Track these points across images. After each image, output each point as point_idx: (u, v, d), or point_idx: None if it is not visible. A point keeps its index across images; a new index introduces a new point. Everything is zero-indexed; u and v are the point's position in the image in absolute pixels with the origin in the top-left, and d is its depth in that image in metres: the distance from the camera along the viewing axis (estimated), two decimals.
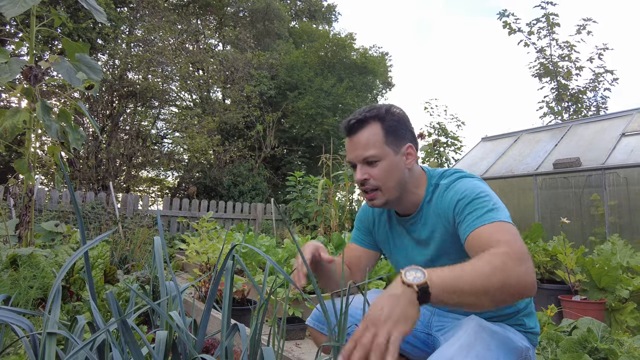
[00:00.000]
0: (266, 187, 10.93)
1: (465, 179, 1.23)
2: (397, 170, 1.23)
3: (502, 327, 1.19)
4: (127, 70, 9.94)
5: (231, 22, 13.75)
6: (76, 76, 2.52)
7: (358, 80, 13.11)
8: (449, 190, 1.21)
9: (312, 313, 1.45)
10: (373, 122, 1.23)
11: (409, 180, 1.26)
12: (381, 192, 1.22)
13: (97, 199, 5.68)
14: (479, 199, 1.12)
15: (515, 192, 4.86)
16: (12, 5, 2.38)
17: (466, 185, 1.18)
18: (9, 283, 1.37)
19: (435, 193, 1.26)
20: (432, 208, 1.25)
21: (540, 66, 8.96)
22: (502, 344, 1.10)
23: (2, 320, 0.68)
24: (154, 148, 10.95)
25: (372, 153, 1.20)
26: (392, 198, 1.24)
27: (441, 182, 1.27)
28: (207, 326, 1.00)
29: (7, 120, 2.22)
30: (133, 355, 0.68)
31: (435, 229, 1.24)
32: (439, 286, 0.82)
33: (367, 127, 1.23)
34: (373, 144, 1.21)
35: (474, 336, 1.08)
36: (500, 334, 1.13)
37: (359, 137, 1.23)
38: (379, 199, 1.23)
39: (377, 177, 1.21)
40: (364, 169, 1.22)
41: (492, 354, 1.04)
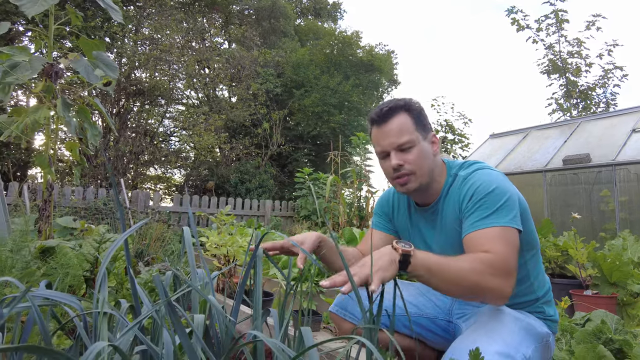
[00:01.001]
0: (273, 185, 10.97)
1: (483, 170, 1.25)
2: (428, 156, 1.27)
3: (523, 314, 1.22)
4: (135, 69, 10.01)
5: (237, 20, 13.79)
6: (94, 73, 2.56)
7: (364, 78, 13.11)
8: (466, 183, 1.24)
9: (335, 300, 1.48)
10: (401, 111, 1.28)
11: (435, 168, 1.30)
12: (415, 176, 1.25)
13: (109, 195, 5.74)
14: (488, 197, 1.15)
15: (524, 189, 4.86)
16: (32, 4, 2.42)
17: (482, 179, 1.20)
18: (40, 273, 1.42)
19: (454, 184, 1.29)
20: (450, 199, 1.28)
21: (549, 63, 8.93)
22: (525, 330, 1.13)
23: (55, 300, 0.72)
24: (161, 146, 11.02)
25: (406, 139, 1.24)
26: (424, 183, 1.27)
27: (460, 172, 1.30)
28: (238, 311, 1.04)
29: (30, 116, 2.27)
30: (179, 334, 0.71)
31: (452, 220, 1.27)
32: (419, 260, 0.99)
33: (397, 116, 1.27)
34: (406, 130, 1.25)
35: (497, 322, 1.11)
36: (522, 320, 1.16)
37: (391, 125, 1.26)
38: (413, 183, 1.26)
39: (412, 161, 1.24)
40: (398, 155, 1.25)
41: (515, 338, 1.07)
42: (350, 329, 1.39)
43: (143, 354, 0.83)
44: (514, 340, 1.07)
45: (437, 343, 1.45)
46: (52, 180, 2.54)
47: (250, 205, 8.15)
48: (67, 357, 0.50)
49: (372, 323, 0.86)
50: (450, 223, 1.27)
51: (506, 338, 1.07)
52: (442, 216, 1.30)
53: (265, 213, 8.21)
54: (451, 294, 1.08)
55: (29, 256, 1.53)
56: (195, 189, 11.55)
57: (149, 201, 6.60)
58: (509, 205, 1.14)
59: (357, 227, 5.45)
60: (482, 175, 1.22)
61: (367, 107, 12.75)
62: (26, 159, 10.39)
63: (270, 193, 10.62)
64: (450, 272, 1.01)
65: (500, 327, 1.09)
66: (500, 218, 1.11)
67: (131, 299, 1.63)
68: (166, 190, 13.27)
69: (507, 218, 1.12)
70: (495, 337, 1.05)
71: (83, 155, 2.84)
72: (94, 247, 1.81)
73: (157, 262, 2.20)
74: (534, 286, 1.28)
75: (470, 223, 1.15)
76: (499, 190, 1.16)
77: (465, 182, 1.24)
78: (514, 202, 1.16)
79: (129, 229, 0.87)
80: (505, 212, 1.12)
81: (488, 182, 1.18)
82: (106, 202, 5.50)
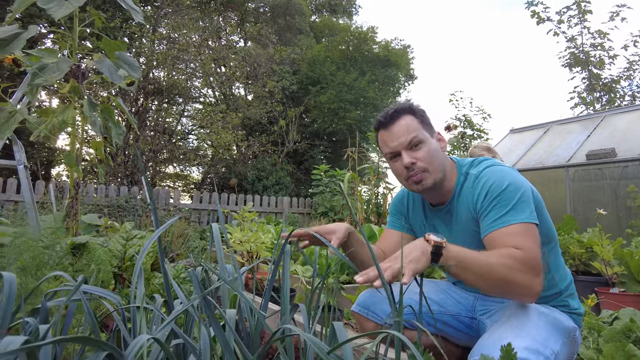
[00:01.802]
0: (289, 182, 11.02)
1: (493, 167, 1.24)
2: (439, 153, 1.29)
3: (548, 308, 1.21)
4: (153, 68, 10.16)
5: (252, 17, 13.85)
6: (117, 73, 2.61)
7: (380, 73, 13.02)
8: (478, 181, 1.23)
9: (357, 299, 1.49)
10: (406, 113, 1.30)
11: (446, 165, 1.31)
12: (429, 172, 1.26)
13: (130, 192, 5.86)
14: (503, 195, 1.15)
15: (545, 184, 4.78)
16: (58, 7, 2.48)
17: (494, 177, 1.20)
18: (72, 269, 1.46)
19: (466, 183, 1.29)
20: (463, 198, 1.28)
21: (570, 56, 8.72)
22: (551, 324, 1.12)
23: (96, 294, 0.75)
24: (180, 144, 11.17)
25: (415, 135, 1.26)
26: (438, 179, 1.27)
27: (471, 171, 1.30)
28: (267, 306, 1.05)
29: (58, 116, 2.33)
30: (214, 328, 0.73)
31: (466, 219, 1.27)
32: (451, 252, 1.00)
33: (403, 117, 1.29)
34: (414, 128, 1.27)
35: (522, 317, 1.11)
36: (548, 315, 1.15)
37: (398, 126, 1.28)
38: (427, 180, 1.26)
39: (424, 158, 1.25)
40: (409, 154, 1.26)
41: (542, 333, 1.06)
42: (373, 328, 1.40)
43: (177, 348, 0.85)
44: (542, 336, 1.06)
45: (460, 340, 1.44)
46: (79, 178, 2.60)
47: (268, 202, 8.21)
48: (115, 348, 0.52)
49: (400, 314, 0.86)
50: (465, 222, 1.27)
51: (534, 333, 1.06)
52: (457, 215, 1.30)
53: (283, 210, 8.27)
54: (480, 288, 1.07)
55: (61, 252, 1.58)
56: (214, 187, 11.68)
57: (169, 199, 6.71)
58: (524, 200, 1.14)
59: (375, 224, 5.44)
60: (493, 173, 1.21)
61: (384, 102, 12.67)
62: (50, 158, 10.67)
63: (287, 190, 10.67)
64: (480, 266, 1.01)
65: (527, 323, 1.09)
66: (519, 214, 1.12)
67: (159, 293, 1.66)
68: (185, 187, 13.46)
69: (525, 214, 1.12)
70: (522, 332, 1.05)
71: (109, 154, 2.90)
72: (121, 244, 1.85)
73: (181, 259, 2.24)
74: (556, 279, 1.27)
75: (489, 222, 1.15)
76: (513, 187, 1.15)
77: (478, 180, 1.24)
78: (528, 197, 1.15)
79: (161, 227, 0.89)
80: (522, 208, 1.12)
81: (500, 179, 1.18)
82: (128, 199, 5.61)
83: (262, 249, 2.20)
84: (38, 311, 0.77)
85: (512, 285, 1.03)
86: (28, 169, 2.82)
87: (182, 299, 0.78)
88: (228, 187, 10.63)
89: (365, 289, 2.47)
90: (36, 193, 5.19)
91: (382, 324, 1.38)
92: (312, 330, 0.87)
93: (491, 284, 1.03)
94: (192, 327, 0.94)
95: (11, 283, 0.49)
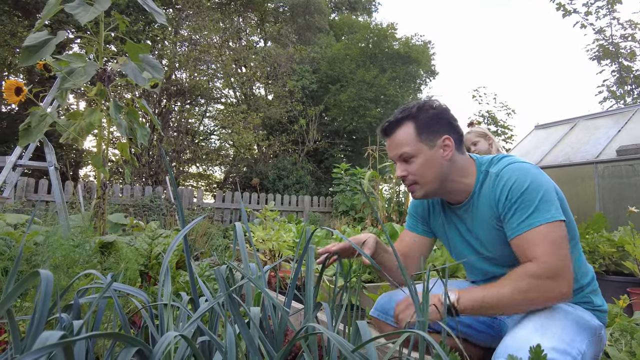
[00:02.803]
0: (310, 181, 11.06)
1: (513, 164, 1.22)
2: (434, 164, 1.27)
3: (571, 306, 1.18)
4: (175, 69, 10.34)
5: (272, 17, 13.93)
6: (142, 76, 2.67)
7: (401, 70, 12.91)
8: (499, 180, 1.21)
9: (376, 304, 1.48)
10: (406, 121, 1.29)
11: (451, 171, 1.28)
12: (419, 185, 1.29)
13: (155, 192, 5.99)
14: (525, 195, 1.13)
15: (573, 182, 4.64)
16: (85, 13, 2.55)
17: (515, 175, 1.18)
18: (100, 267, 1.50)
19: (486, 182, 1.26)
20: (484, 197, 1.26)
21: (599, 48, 8.44)
22: (576, 323, 1.09)
23: (126, 291, 0.77)
24: (202, 144, 11.35)
25: (405, 150, 1.27)
26: (431, 190, 1.29)
27: (490, 169, 1.27)
28: (290, 305, 1.06)
29: (86, 119, 2.40)
30: (239, 325, 0.74)
31: (486, 218, 1.25)
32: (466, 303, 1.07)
33: (401, 128, 1.29)
34: (406, 142, 1.27)
35: (546, 316, 1.08)
36: (572, 313, 1.12)
37: (393, 137, 1.31)
38: (418, 192, 1.30)
39: (414, 172, 1.28)
40: (402, 166, 1.30)
41: (568, 333, 1.03)
42: (391, 331, 1.40)
43: (202, 344, 0.87)
44: (568, 336, 1.04)
45: (481, 340, 1.42)
46: (105, 179, 2.68)
47: (289, 201, 8.26)
48: (145, 344, 0.53)
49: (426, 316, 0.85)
50: (486, 220, 1.25)
51: (560, 333, 1.03)
52: (477, 213, 1.28)
53: (304, 208, 8.30)
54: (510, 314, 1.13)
55: (90, 251, 1.63)
56: (236, 186, 11.82)
57: (193, 198, 6.83)
58: (547, 199, 1.12)
59: (397, 223, 5.40)
60: (514, 171, 1.19)
61: (405, 99, 12.56)
62: (78, 159, 11.00)
63: (307, 189, 10.71)
64: (498, 301, 1.06)
65: (552, 322, 1.06)
66: (542, 214, 1.11)
67: (183, 290, 1.70)
68: (207, 187, 13.67)
69: (549, 213, 1.11)
70: (548, 333, 1.03)
71: (134, 155, 2.97)
72: (147, 243, 1.89)
73: (205, 257, 2.28)
74: (577, 275, 1.24)
75: (514, 226, 1.15)
76: (534, 185, 1.14)
77: (499, 179, 1.21)
78: (550, 194, 1.14)
79: (187, 226, 0.90)
80: (545, 207, 1.11)
81: (522, 177, 1.16)
82: (152, 199, 5.74)
83: (284, 247, 2.22)
84: (71, 307, 0.79)
85: (536, 303, 1.07)
86: (58, 170, 2.92)
87: (208, 296, 0.79)
88: (250, 186, 10.75)
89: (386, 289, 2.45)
90: (65, 193, 5.36)
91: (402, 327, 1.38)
92: (336, 329, 0.87)
93: (516, 310, 1.09)
94: (217, 324, 0.96)
95: (48, 281, 0.51)
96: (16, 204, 4.91)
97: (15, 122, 10.28)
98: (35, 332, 0.50)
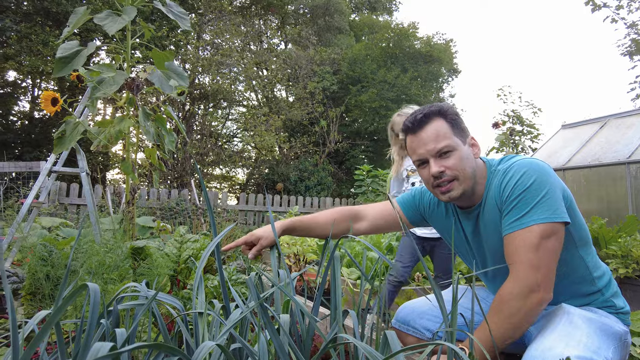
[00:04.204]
0: (331, 182, 11.08)
1: (523, 160, 1.18)
2: (469, 160, 1.22)
3: (595, 313, 1.15)
4: (198, 74, 10.54)
5: (292, 20, 14.02)
6: (168, 84, 2.75)
7: (423, 69, 12.79)
8: (505, 175, 1.18)
9: (397, 315, 1.47)
10: (436, 117, 1.23)
11: (477, 170, 1.25)
12: (458, 181, 1.20)
13: (180, 195, 6.13)
14: (527, 192, 1.10)
15: (603, 183, 4.51)
16: (113, 23, 2.63)
17: (521, 171, 1.14)
18: (132, 274, 1.56)
19: (494, 180, 1.23)
20: (490, 198, 1.23)
21: (631, 43, 8.15)
22: (601, 330, 1.07)
23: (163, 300, 0.80)
24: (225, 147, 11.53)
25: (446, 143, 1.19)
26: (468, 188, 1.21)
27: (499, 167, 1.24)
28: (318, 311, 1.08)
29: (115, 127, 2.49)
30: (270, 333, 0.76)
31: (494, 218, 1.21)
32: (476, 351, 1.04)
33: (433, 122, 1.22)
34: (444, 135, 1.20)
35: (570, 324, 1.07)
36: (596, 320, 1.10)
37: (427, 131, 1.22)
38: (456, 190, 1.20)
39: (454, 167, 1.19)
40: (438, 162, 1.20)
41: (593, 341, 1.02)
42: (413, 342, 1.39)
43: (234, 351, 0.90)
44: (593, 343, 1.02)
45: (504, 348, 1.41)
46: (134, 184, 2.76)
47: (310, 202, 8.30)
48: (185, 354, 0.56)
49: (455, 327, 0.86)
50: (494, 221, 1.21)
51: (585, 341, 1.02)
52: (486, 216, 1.24)
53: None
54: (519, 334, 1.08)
55: (122, 255, 1.69)
56: (258, 187, 11.95)
57: (217, 200, 6.95)
58: (549, 198, 1.08)
59: None
60: (520, 167, 1.15)
61: (427, 99, 12.44)
62: (106, 163, 11.35)
63: (328, 190, 10.73)
64: (498, 330, 1.05)
65: (576, 330, 1.04)
66: (538, 214, 1.07)
67: (212, 295, 1.74)
68: (230, 188, 13.86)
69: (546, 213, 1.07)
70: (572, 341, 1.01)
71: (161, 160, 3.06)
72: (176, 247, 1.95)
73: (232, 261, 2.32)
74: (594, 278, 1.21)
75: (506, 225, 1.12)
76: (538, 183, 1.10)
77: (505, 174, 1.18)
78: (554, 195, 1.10)
79: (219, 234, 0.93)
80: (545, 206, 1.08)
81: (527, 173, 1.12)
82: (178, 202, 5.87)
83: (308, 251, 2.24)
84: (110, 313, 0.83)
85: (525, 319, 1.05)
86: (89, 176, 3.02)
87: (240, 304, 0.82)
88: (272, 188, 10.85)
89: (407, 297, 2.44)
90: (95, 197, 5.55)
91: (425, 338, 1.38)
92: (365, 339, 0.89)
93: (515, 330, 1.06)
94: (247, 330, 0.99)
95: (95, 294, 0.54)
96: (50, 207, 5.11)
97: (48, 128, 10.69)
98: (85, 342, 0.54)
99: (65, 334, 1.15)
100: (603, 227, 3.38)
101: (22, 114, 11.79)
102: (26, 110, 11.85)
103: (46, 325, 0.51)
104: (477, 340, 0.98)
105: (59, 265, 1.43)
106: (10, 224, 2.79)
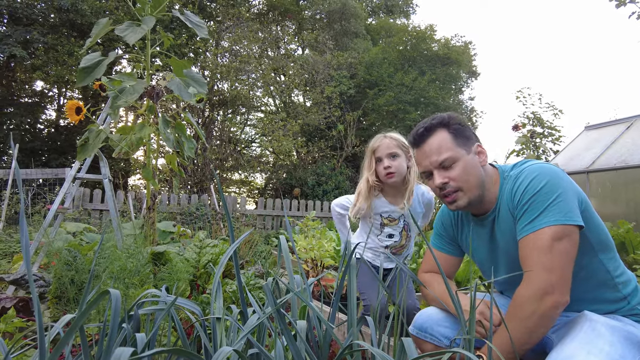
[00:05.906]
0: (349, 186, 11.06)
1: (535, 165, 1.18)
2: (475, 169, 1.23)
3: (620, 321, 1.12)
4: (217, 80, 10.70)
5: (309, 25, 14.11)
6: (187, 91, 2.80)
7: (441, 72, 12.68)
8: (517, 180, 1.19)
9: (414, 322, 1.46)
10: (439, 128, 1.26)
11: (486, 178, 1.25)
12: (462, 192, 1.22)
13: (200, 200, 6.22)
14: (538, 195, 1.10)
15: (630, 185, 4.37)
16: (133, 33, 2.70)
17: (533, 174, 1.14)
18: (153, 279, 1.59)
19: (506, 186, 1.23)
20: (504, 203, 1.23)
21: None
22: (624, 339, 1.04)
23: (182, 305, 0.82)
24: (244, 152, 11.65)
25: (447, 156, 1.22)
26: (474, 197, 1.23)
27: (511, 172, 1.25)
28: (335, 318, 1.08)
29: (136, 134, 2.55)
30: (287, 339, 0.77)
31: (509, 223, 1.21)
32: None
33: (435, 134, 1.25)
34: (445, 147, 1.23)
35: (592, 332, 1.04)
36: (619, 328, 1.07)
37: (429, 144, 1.25)
38: (461, 200, 1.23)
39: (456, 178, 1.21)
40: (441, 173, 1.23)
41: (616, 350, 0.99)
42: (431, 349, 1.38)
43: (252, 357, 0.90)
44: (617, 352, 0.99)
45: (525, 356, 1.38)
46: (155, 190, 2.82)
47: (328, 207, 8.30)
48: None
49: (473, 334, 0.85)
50: (509, 227, 1.21)
51: (608, 350, 0.99)
52: (500, 222, 1.25)
53: None
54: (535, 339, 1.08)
55: (143, 260, 1.72)
56: (276, 192, 12.03)
57: (236, 204, 7.03)
58: (561, 201, 1.08)
59: None
60: (532, 171, 1.15)
61: (445, 101, 12.32)
62: (127, 168, 11.61)
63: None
64: (515, 335, 1.05)
65: (598, 339, 1.02)
66: (550, 216, 1.07)
67: (230, 299, 1.76)
68: (249, 193, 13.99)
69: (557, 215, 1.06)
70: (594, 349, 0.98)
71: (180, 166, 3.11)
72: (195, 252, 1.98)
73: (250, 266, 2.35)
74: (618, 285, 1.18)
75: (522, 227, 1.12)
76: (550, 186, 1.10)
77: (517, 179, 1.19)
78: (567, 198, 1.09)
79: (237, 240, 0.94)
80: (557, 209, 1.07)
81: (538, 177, 1.13)
82: (198, 207, 5.96)
83: (325, 256, 2.24)
84: (131, 317, 0.86)
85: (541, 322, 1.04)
86: (112, 182, 3.10)
87: (257, 310, 0.83)
88: (290, 193, 10.91)
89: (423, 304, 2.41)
90: (117, 202, 5.67)
91: (442, 345, 1.36)
92: (382, 345, 0.88)
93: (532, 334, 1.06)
94: (265, 336, 1.00)
95: (117, 300, 0.56)
96: (74, 213, 5.26)
97: (73, 135, 11.02)
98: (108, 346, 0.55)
99: (89, 337, 1.18)
100: (630, 232, 3.28)
101: (48, 122, 12.20)
102: (52, 118, 12.26)
103: (71, 329, 0.53)
104: (495, 347, 0.96)
105: (83, 270, 1.48)
106: (38, 229, 2.88)
